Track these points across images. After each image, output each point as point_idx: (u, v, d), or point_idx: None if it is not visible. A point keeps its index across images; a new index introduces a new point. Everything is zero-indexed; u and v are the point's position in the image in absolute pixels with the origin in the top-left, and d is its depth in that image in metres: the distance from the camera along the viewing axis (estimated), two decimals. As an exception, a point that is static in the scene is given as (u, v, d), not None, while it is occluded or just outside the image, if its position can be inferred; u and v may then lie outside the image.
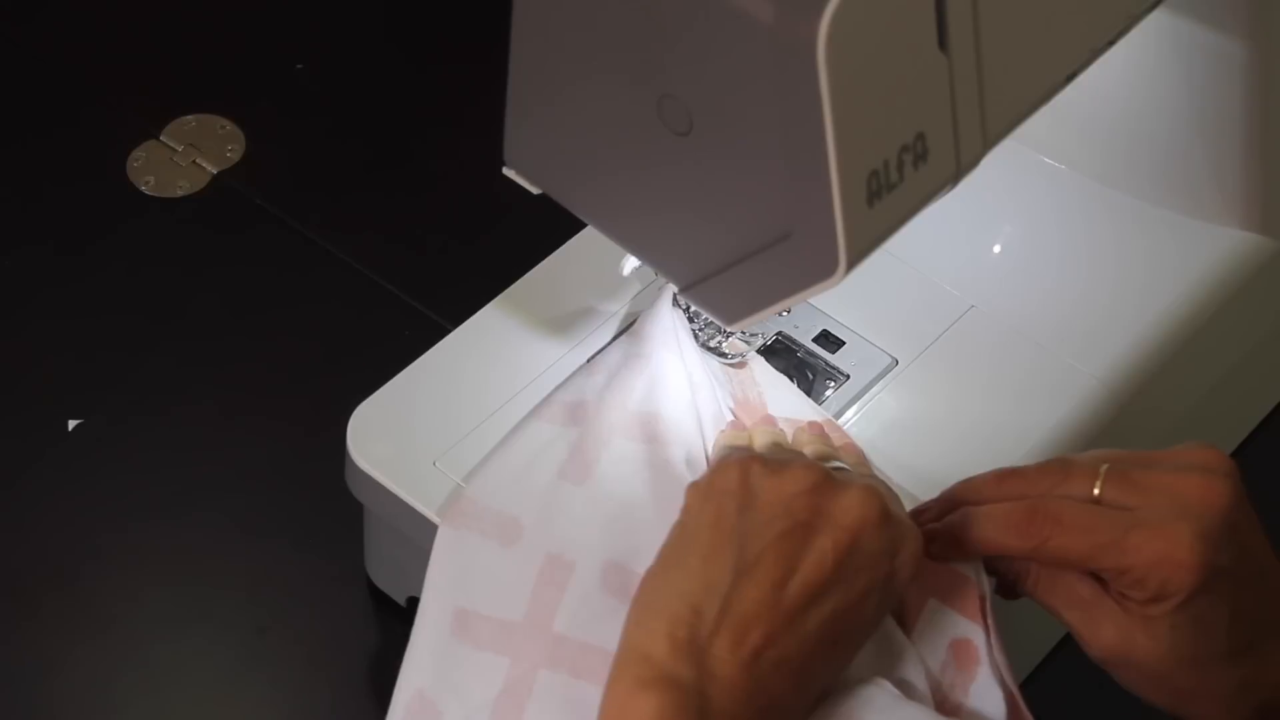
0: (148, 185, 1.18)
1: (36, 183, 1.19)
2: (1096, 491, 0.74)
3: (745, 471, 0.74)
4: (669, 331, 0.88)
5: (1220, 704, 0.74)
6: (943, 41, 0.70)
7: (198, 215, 1.17)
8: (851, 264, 0.70)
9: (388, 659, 0.93)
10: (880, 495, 0.73)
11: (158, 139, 1.21)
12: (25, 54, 1.27)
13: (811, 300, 0.88)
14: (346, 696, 0.95)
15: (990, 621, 0.77)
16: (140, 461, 1.04)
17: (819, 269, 0.70)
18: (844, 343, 0.93)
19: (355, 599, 0.97)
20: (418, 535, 0.86)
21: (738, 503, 0.72)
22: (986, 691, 0.76)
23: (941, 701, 0.76)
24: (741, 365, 0.91)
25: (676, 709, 0.67)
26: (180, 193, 1.18)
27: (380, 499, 0.88)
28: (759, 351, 0.92)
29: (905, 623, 0.77)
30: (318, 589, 0.98)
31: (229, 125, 1.22)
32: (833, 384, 0.92)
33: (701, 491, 0.74)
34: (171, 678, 0.95)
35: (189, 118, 1.22)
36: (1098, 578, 0.74)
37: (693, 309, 0.91)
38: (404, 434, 0.89)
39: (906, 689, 0.75)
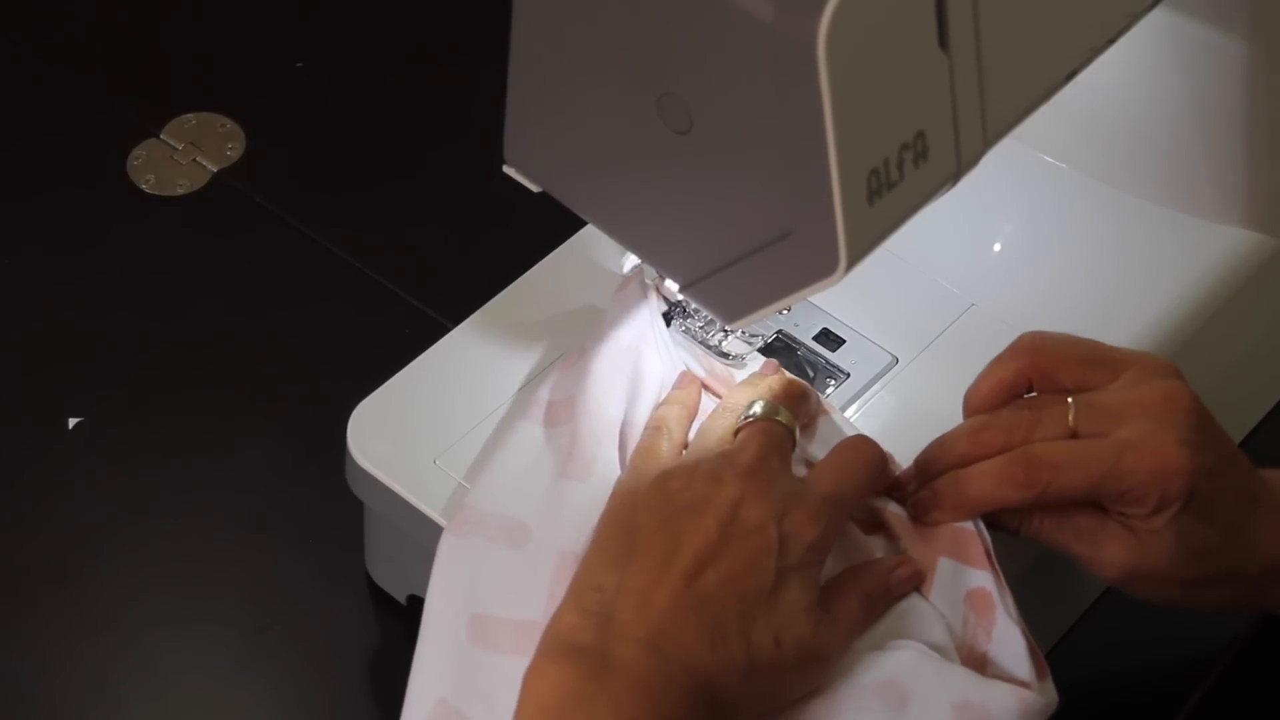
0: (148, 184, 1.18)
1: (36, 181, 1.19)
2: (1071, 423, 0.76)
3: (644, 474, 0.80)
4: (644, 320, 0.88)
5: (1227, 586, 0.78)
6: (943, 40, 0.70)
7: (198, 214, 1.17)
8: (852, 262, 0.70)
9: (388, 658, 0.93)
10: (758, 475, 0.76)
11: (158, 137, 1.21)
12: (25, 52, 1.27)
13: (812, 298, 0.88)
14: (346, 696, 0.94)
15: (997, 566, 0.78)
16: (140, 461, 1.03)
17: (819, 267, 0.71)
18: (844, 341, 0.93)
19: (355, 598, 0.97)
20: (418, 533, 0.86)
21: (634, 500, 0.78)
22: (1006, 633, 0.77)
23: (968, 654, 0.77)
24: (741, 365, 0.91)
25: (576, 673, 0.71)
26: (180, 191, 1.18)
27: (380, 497, 0.88)
28: (759, 350, 0.92)
29: (921, 584, 0.78)
30: (318, 589, 0.98)
31: (229, 124, 1.22)
32: (833, 382, 0.92)
33: (613, 495, 0.80)
34: (171, 678, 0.95)
35: (189, 116, 1.22)
36: (1096, 505, 0.76)
37: (692, 306, 0.91)
38: (404, 432, 0.89)
39: (937, 650, 0.76)
